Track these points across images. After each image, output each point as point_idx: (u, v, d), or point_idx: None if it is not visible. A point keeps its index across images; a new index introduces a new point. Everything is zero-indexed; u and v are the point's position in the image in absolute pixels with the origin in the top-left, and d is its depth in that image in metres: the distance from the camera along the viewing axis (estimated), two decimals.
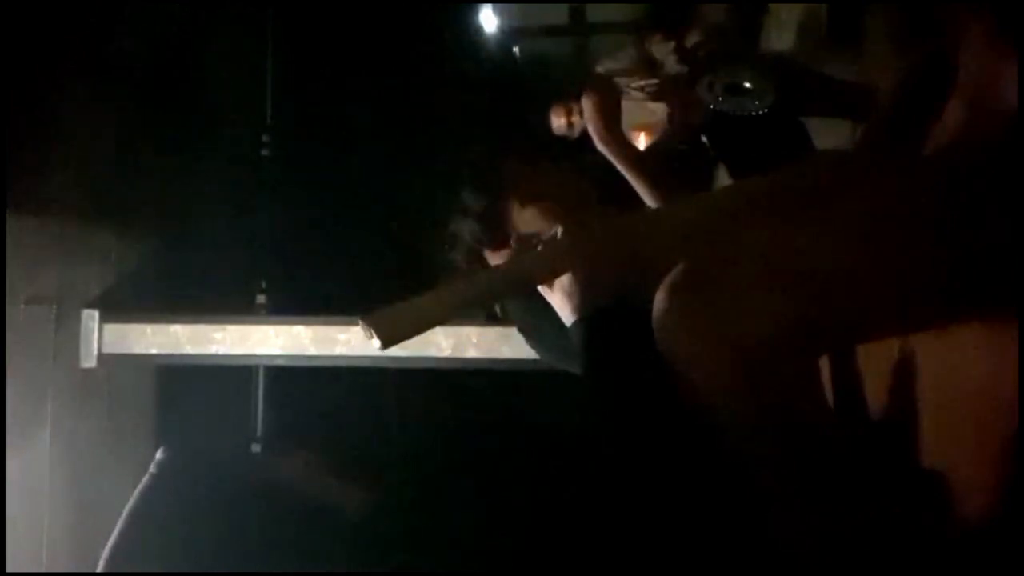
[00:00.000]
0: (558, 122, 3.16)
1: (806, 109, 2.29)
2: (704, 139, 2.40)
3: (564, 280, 1.09)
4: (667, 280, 0.97)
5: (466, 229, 1.71)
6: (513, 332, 2.06)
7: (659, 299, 0.96)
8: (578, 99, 2.82)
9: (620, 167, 1.82)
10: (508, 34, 4.21)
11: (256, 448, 4.12)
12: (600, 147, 1.83)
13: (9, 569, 2.59)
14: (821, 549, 0.90)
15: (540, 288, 1.16)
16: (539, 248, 1.15)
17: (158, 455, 0.91)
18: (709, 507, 0.88)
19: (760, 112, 2.20)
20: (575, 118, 3.10)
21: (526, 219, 1.72)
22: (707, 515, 0.87)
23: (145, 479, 0.91)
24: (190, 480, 0.86)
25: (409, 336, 1.10)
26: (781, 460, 0.91)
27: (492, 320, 2.06)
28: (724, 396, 0.91)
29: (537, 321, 1.70)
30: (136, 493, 0.91)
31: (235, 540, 0.84)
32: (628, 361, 1.00)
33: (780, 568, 0.88)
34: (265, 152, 4.38)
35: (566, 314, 1.07)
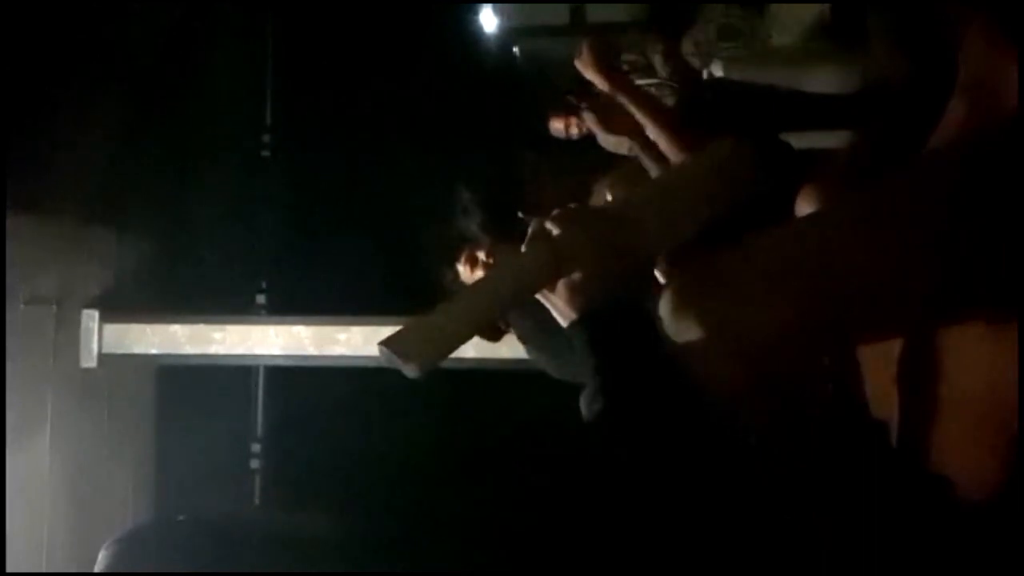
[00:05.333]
0: (556, 126, 3.17)
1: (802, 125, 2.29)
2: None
3: (564, 280, 1.07)
4: (674, 281, 0.97)
5: (474, 218, 1.71)
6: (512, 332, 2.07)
7: (666, 300, 0.97)
8: (576, 108, 2.84)
9: (623, 99, 1.81)
10: (508, 34, 4.20)
11: (256, 448, 4.12)
12: (601, 84, 1.81)
13: (9, 569, 2.59)
14: (824, 545, 0.90)
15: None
16: (525, 248, 1.09)
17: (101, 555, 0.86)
18: (717, 504, 0.87)
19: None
20: (573, 129, 3.12)
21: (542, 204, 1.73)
22: (715, 512, 0.87)
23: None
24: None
25: (444, 357, 0.98)
26: (786, 455, 0.91)
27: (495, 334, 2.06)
28: (731, 393, 0.91)
29: (537, 329, 1.70)
30: None
31: None
32: (635, 358, 0.99)
33: (784, 566, 0.88)
34: (265, 152, 4.37)
35: (567, 314, 1.06)
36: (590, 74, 1.80)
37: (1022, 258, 0.88)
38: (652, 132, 1.78)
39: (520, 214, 1.83)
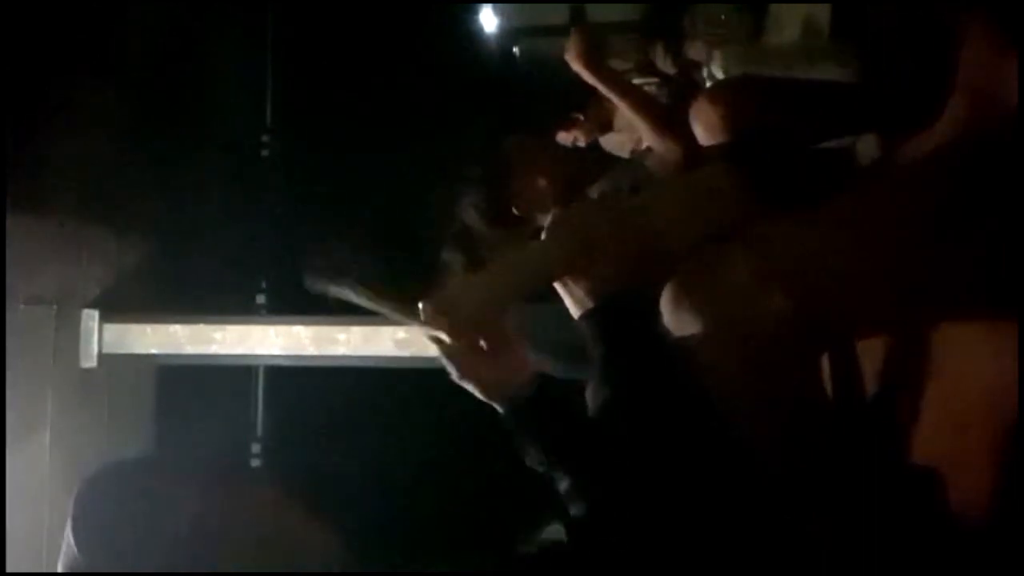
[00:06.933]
0: (563, 137, 3.20)
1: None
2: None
3: (586, 269, 1.07)
4: (677, 276, 0.98)
5: (469, 204, 1.73)
6: None
7: (667, 293, 0.97)
8: (580, 122, 2.85)
9: (609, 92, 1.82)
10: (508, 34, 4.20)
11: (256, 448, 4.12)
12: (587, 76, 1.82)
13: (9, 569, 2.59)
14: (821, 541, 0.90)
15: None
16: (547, 236, 1.11)
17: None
18: (717, 496, 0.87)
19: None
20: (580, 140, 3.13)
21: (527, 194, 1.75)
22: (714, 504, 0.87)
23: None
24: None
25: (475, 321, 1.05)
26: (782, 448, 0.91)
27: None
28: (730, 384, 0.91)
29: (539, 329, 1.71)
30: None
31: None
32: (642, 349, 0.99)
33: (782, 562, 0.88)
34: (265, 152, 4.38)
35: (583, 303, 1.06)
36: (577, 67, 1.81)
37: (1022, 258, 0.88)
38: (639, 126, 1.79)
39: (515, 210, 1.84)
